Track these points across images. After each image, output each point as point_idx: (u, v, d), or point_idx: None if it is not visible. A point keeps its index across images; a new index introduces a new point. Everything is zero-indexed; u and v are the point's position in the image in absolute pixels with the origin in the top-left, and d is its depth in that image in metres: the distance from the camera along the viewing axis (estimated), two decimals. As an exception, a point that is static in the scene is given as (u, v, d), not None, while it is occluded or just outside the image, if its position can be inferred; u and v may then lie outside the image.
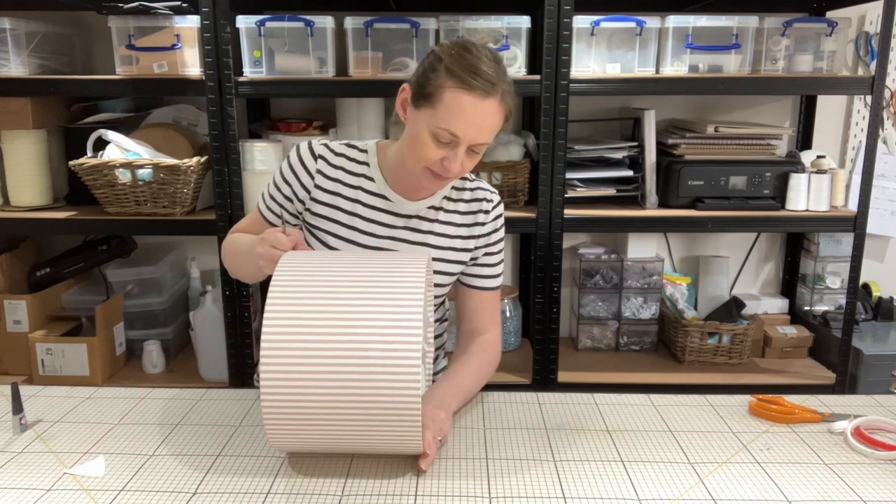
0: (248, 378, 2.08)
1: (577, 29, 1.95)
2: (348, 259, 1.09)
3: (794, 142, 2.44)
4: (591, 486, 1.03)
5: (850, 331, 2.08)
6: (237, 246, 1.35)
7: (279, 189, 1.34)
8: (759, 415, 1.27)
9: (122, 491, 1.01)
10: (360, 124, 2.15)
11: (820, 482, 1.05)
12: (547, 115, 1.94)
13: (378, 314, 0.99)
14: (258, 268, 1.17)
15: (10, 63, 1.98)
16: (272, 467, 1.08)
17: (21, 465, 1.08)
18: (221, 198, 1.98)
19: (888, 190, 2.43)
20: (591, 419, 1.25)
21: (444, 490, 1.02)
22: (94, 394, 1.34)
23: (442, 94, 1.16)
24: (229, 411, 1.27)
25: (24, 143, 2.06)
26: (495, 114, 1.18)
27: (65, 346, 2.09)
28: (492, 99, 1.16)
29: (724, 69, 2.04)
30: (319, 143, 1.34)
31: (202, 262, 2.41)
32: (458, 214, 1.36)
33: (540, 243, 2.02)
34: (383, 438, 1.01)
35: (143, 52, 1.97)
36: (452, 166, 1.19)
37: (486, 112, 1.17)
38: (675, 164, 2.10)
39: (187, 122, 2.27)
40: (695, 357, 2.25)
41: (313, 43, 1.95)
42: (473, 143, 1.19)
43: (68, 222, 2.04)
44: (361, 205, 1.32)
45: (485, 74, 1.15)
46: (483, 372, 1.33)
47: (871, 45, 2.36)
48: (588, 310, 2.35)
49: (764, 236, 2.54)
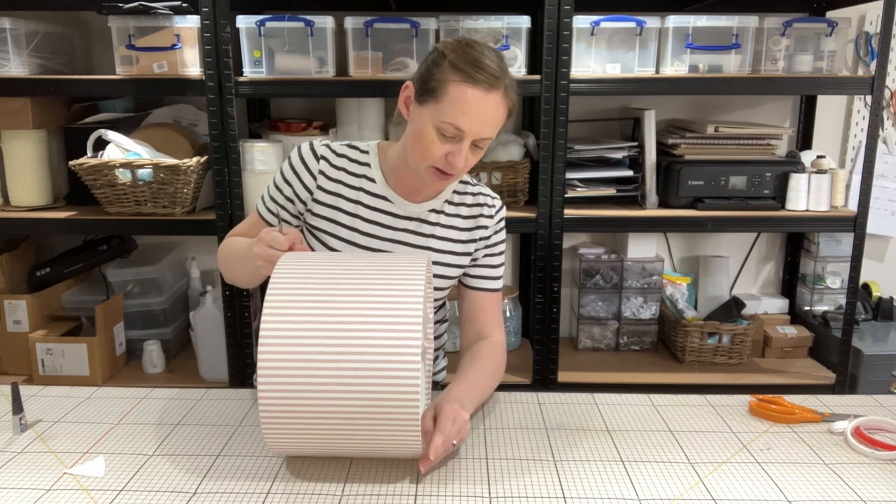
0: (247, 378, 2.08)
1: (577, 29, 1.95)
2: (347, 260, 1.09)
3: (794, 142, 2.44)
4: (591, 486, 1.03)
5: (850, 331, 2.08)
6: (234, 249, 1.34)
7: (280, 190, 1.34)
8: (759, 415, 1.27)
9: (122, 491, 1.01)
10: (360, 124, 2.15)
11: (820, 482, 1.05)
12: (547, 115, 1.94)
13: (377, 315, 0.98)
14: (255, 269, 1.17)
15: (10, 63, 1.98)
16: (272, 467, 1.08)
17: (21, 465, 1.08)
18: (221, 198, 1.98)
19: (888, 190, 2.43)
20: (591, 419, 1.25)
21: (444, 490, 1.02)
22: (94, 394, 1.34)
23: (446, 88, 1.16)
24: (229, 411, 1.27)
25: (24, 143, 2.06)
26: (499, 108, 1.19)
27: (65, 346, 2.09)
28: (495, 93, 1.17)
29: (724, 69, 2.04)
30: (321, 144, 1.33)
31: (202, 262, 2.41)
32: (459, 218, 1.36)
33: (540, 243, 2.02)
34: (382, 440, 1.00)
35: (143, 52, 1.97)
36: (457, 161, 1.19)
37: (490, 106, 1.17)
38: (675, 164, 2.10)
39: (187, 122, 2.27)
40: (695, 357, 2.25)
41: (313, 43, 1.95)
42: (477, 138, 1.19)
43: (68, 222, 2.04)
44: (363, 206, 1.32)
45: (489, 68, 1.16)
46: (496, 377, 1.33)
47: (871, 45, 2.36)
48: (588, 310, 2.35)
49: (764, 236, 2.54)
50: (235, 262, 1.33)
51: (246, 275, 1.31)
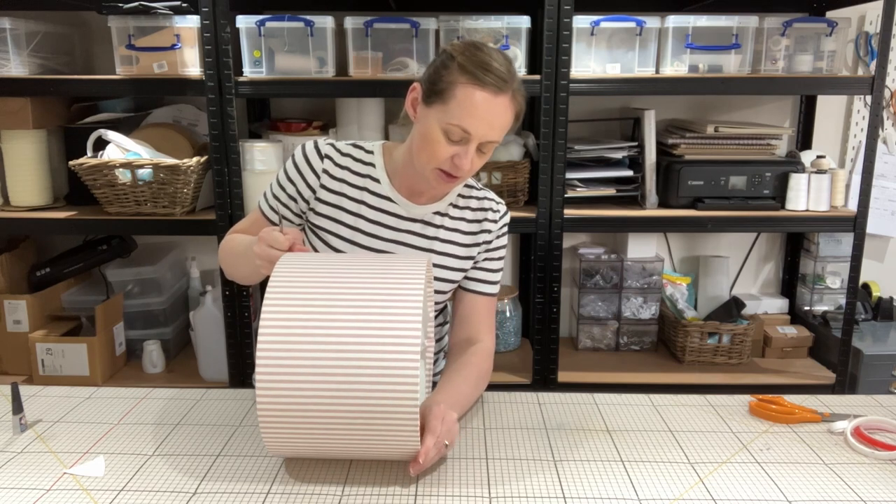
0: (247, 378, 2.08)
1: (577, 29, 1.95)
2: (347, 261, 1.09)
3: (794, 142, 2.44)
4: (591, 486, 1.03)
5: (850, 331, 2.08)
6: (234, 246, 1.34)
7: (283, 188, 1.33)
8: (759, 415, 1.27)
9: (122, 491, 1.01)
10: (360, 124, 2.16)
11: (820, 482, 1.05)
12: (547, 115, 1.94)
13: (376, 316, 0.98)
14: (255, 268, 1.17)
15: (10, 63, 1.98)
16: (272, 467, 1.08)
17: (21, 465, 1.08)
18: (221, 198, 1.98)
19: (888, 190, 2.43)
20: (591, 419, 1.25)
21: (444, 490, 1.02)
22: (93, 394, 1.34)
23: (454, 91, 1.16)
24: (229, 411, 1.26)
25: (24, 143, 2.06)
26: (507, 111, 1.19)
27: (65, 346, 2.09)
28: (503, 96, 1.17)
29: (724, 69, 2.04)
30: (325, 143, 1.33)
31: (202, 262, 2.41)
32: (464, 222, 1.35)
33: (540, 243, 2.02)
34: (381, 441, 1.00)
35: (143, 52, 1.97)
36: (463, 164, 1.18)
37: (497, 109, 1.17)
38: (675, 164, 2.10)
39: (187, 122, 2.27)
40: (695, 357, 2.25)
41: (313, 43, 1.95)
42: (484, 141, 1.18)
43: (68, 222, 2.04)
44: (366, 206, 1.31)
45: (497, 71, 1.15)
46: (480, 384, 1.31)
47: (871, 45, 2.36)
48: (588, 310, 2.35)
49: (764, 236, 2.54)
50: (236, 259, 1.33)
51: (246, 272, 1.31)
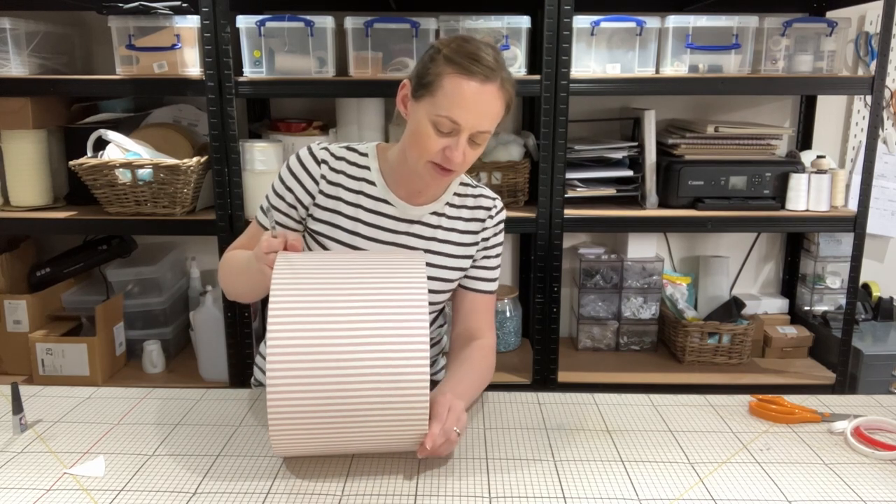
0: (247, 378, 2.08)
1: (577, 29, 1.95)
2: (344, 257, 1.10)
3: (794, 142, 2.44)
4: (591, 486, 1.03)
5: (850, 331, 2.08)
6: (234, 262, 1.30)
7: (282, 198, 1.30)
8: (759, 415, 1.27)
9: (122, 491, 1.01)
10: (360, 124, 2.15)
11: (820, 482, 1.05)
12: (547, 115, 1.94)
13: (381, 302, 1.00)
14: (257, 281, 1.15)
15: (10, 63, 1.98)
16: (272, 467, 1.08)
17: (21, 465, 1.08)
18: (221, 198, 1.98)
19: (888, 190, 2.43)
20: (591, 419, 1.25)
21: (444, 490, 1.02)
22: (93, 394, 1.34)
23: (441, 82, 1.15)
24: (229, 411, 1.26)
25: (24, 143, 2.06)
26: (496, 100, 1.17)
27: (65, 346, 2.09)
28: (491, 84, 1.16)
29: (724, 69, 2.04)
30: (319, 147, 1.31)
31: (202, 262, 2.41)
32: (461, 221, 1.35)
33: (540, 243, 2.02)
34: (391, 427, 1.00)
35: (143, 52, 1.97)
36: (454, 156, 1.17)
37: (486, 98, 1.16)
38: (675, 164, 2.10)
39: (187, 122, 2.27)
40: (695, 357, 2.25)
41: (313, 43, 1.95)
42: (474, 131, 1.17)
43: (68, 222, 2.04)
44: (363, 209, 1.30)
45: (484, 60, 1.15)
46: (484, 379, 1.32)
47: (871, 45, 2.36)
48: (588, 310, 2.35)
49: (764, 236, 2.54)
50: (237, 276, 1.29)
51: (247, 288, 1.28)
